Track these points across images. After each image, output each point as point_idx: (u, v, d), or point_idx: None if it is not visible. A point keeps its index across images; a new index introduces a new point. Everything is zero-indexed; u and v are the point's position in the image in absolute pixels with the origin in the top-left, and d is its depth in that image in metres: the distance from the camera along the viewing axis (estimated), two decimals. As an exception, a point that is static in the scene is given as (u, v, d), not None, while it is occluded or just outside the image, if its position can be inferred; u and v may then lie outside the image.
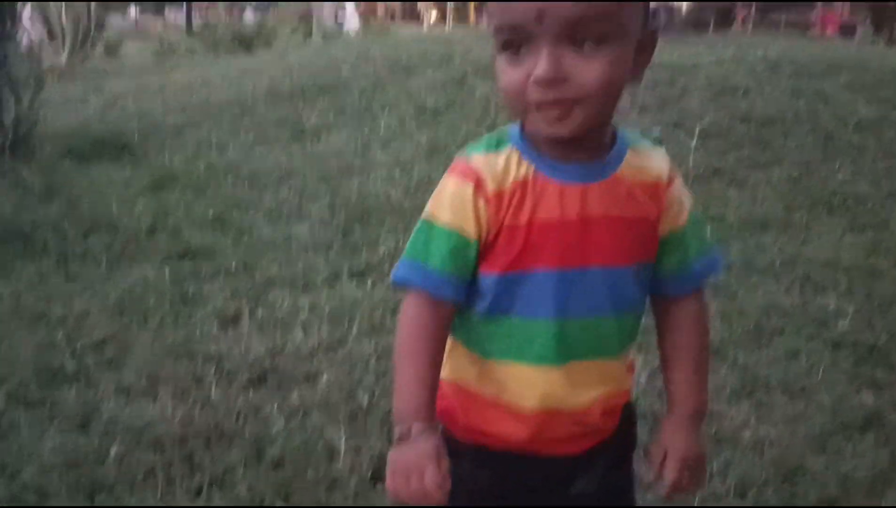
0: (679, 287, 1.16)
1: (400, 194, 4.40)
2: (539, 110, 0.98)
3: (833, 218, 3.93)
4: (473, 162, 1.06)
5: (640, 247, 1.10)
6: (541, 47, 0.96)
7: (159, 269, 3.43)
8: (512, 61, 0.99)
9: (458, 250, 1.05)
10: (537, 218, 1.04)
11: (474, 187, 1.04)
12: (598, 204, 1.05)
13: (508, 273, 1.06)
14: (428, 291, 1.07)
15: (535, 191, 1.04)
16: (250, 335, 2.87)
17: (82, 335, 2.83)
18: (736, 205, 4.03)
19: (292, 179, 4.80)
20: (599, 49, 0.96)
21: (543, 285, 1.06)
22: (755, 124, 5.01)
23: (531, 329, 1.07)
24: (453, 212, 1.05)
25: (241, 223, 4.04)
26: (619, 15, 0.96)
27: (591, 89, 0.96)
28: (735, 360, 2.69)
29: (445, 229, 1.05)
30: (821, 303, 3.11)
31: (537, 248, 1.04)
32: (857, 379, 2.59)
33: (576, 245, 1.05)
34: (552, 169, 1.04)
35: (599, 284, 1.07)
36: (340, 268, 3.49)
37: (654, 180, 1.10)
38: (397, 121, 5.82)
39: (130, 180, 4.74)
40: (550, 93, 0.96)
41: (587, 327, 1.08)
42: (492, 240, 1.05)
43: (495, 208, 1.04)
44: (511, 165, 1.05)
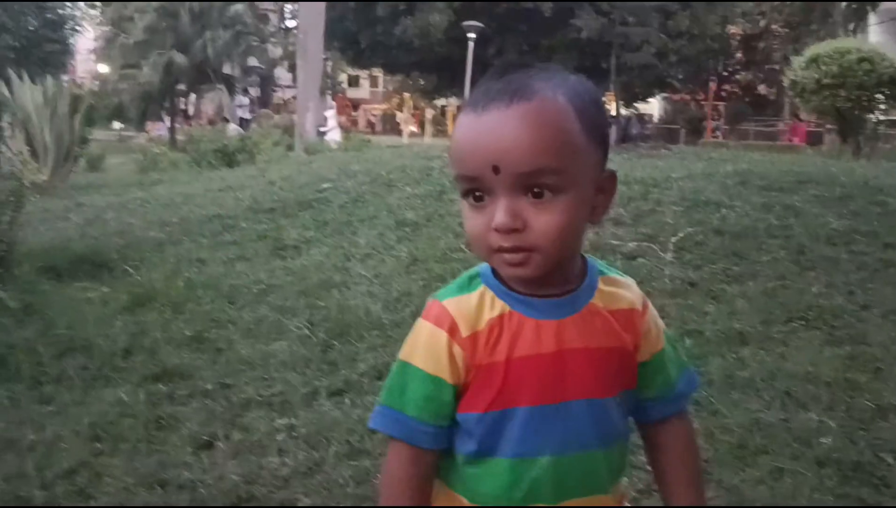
0: (665, 409, 1.18)
1: (379, 308, 4.40)
2: (500, 255, 1.02)
3: (810, 331, 3.96)
4: (446, 306, 1.08)
5: (621, 376, 1.11)
6: (499, 197, 1.01)
7: (134, 391, 3.37)
8: (474, 208, 1.04)
9: (434, 396, 1.06)
10: (515, 355, 1.05)
11: (448, 333, 1.06)
12: (575, 337, 1.07)
13: (490, 412, 1.06)
14: (406, 441, 1.07)
15: (510, 328, 1.06)
16: (225, 460, 2.81)
17: (53, 464, 2.76)
18: (713, 319, 4.06)
19: (272, 294, 4.80)
20: (556, 198, 1.00)
21: (527, 422, 1.06)
22: (728, 237, 5.10)
23: (519, 470, 1.07)
24: (428, 358, 1.07)
25: (219, 342, 4.01)
26: (573, 166, 1.01)
27: (549, 238, 1.00)
28: (720, 481, 2.66)
29: (421, 374, 1.07)
30: (803, 419, 3.09)
31: (517, 385, 1.05)
32: (843, 499, 2.55)
33: (556, 379, 1.06)
34: (526, 306, 1.07)
35: (584, 417, 1.07)
36: (318, 387, 3.45)
37: (629, 308, 1.13)
38: (377, 234, 5.88)
39: (108, 299, 4.71)
40: (509, 240, 1.00)
41: (577, 463, 1.08)
42: (471, 381, 1.06)
43: (471, 351, 1.05)
44: (485, 304, 1.07)
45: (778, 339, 3.88)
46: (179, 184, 10.05)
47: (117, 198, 8.89)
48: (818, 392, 3.31)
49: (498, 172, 0.99)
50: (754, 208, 5.58)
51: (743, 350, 3.74)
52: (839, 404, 3.23)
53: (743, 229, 5.21)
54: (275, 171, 9.55)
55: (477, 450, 1.08)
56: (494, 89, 1.02)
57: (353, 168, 8.18)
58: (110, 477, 2.68)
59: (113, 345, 3.88)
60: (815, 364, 3.56)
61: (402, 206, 6.46)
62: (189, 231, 6.55)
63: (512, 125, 0.99)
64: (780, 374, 3.48)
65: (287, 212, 6.82)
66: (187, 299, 4.62)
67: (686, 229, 5.18)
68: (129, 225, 6.90)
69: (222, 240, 6.24)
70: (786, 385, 3.37)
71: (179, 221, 6.98)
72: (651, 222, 5.37)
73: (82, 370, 3.62)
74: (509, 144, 0.99)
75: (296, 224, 6.44)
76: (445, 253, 5.25)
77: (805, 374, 3.46)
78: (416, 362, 1.07)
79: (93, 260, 5.58)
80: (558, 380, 1.06)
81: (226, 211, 7.09)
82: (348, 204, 6.79)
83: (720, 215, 5.47)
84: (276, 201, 7.18)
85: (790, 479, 2.66)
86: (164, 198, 8.44)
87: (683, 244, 4.99)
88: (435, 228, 5.82)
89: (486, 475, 1.08)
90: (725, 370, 3.51)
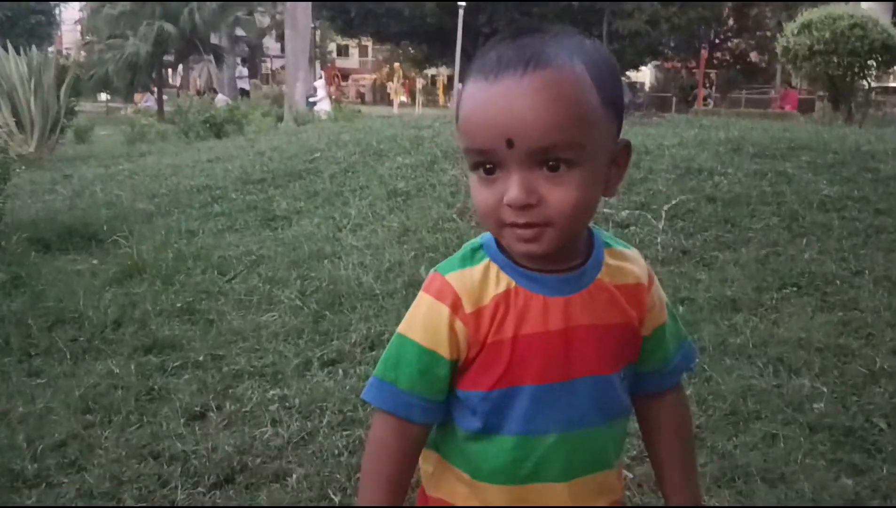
0: (660, 383, 1.17)
1: (371, 278, 4.38)
2: (512, 230, 0.98)
3: (802, 298, 3.96)
4: (449, 280, 1.04)
5: (625, 352, 1.09)
6: (512, 171, 0.96)
7: (125, 363, 3.35)
8: (484, 182, 0.99)
9: (429, 370, 1.04)
10: (522, 333, 1.02)
11: (451, 308, 1.02)
12: (581, 314, 1.04)
13: (496, 390, 1.04)
14: (395, 413, 1.05)
15: (517, 305, 1.03)
16: (218, 431, 2.80)
17: (44, 435, 2.74)
18: (705, 286, 4.05)
19: (262, 265, 4.77)
20: (572, 171, 0.96)
21: (533, 400, 1.03)
22: (721, 205, 5.09)
23: (525, 447, 1.05)
24: (427, 332, 1.03)
25: (210, 313, 3.98)
26: (590, 139, 0.96)
27: (564, 213, 0.96)
28: (713, 447, 2.66)
29: (417, 348, 1.04)
30: (795, 385, 3.10)
31: (524, 363, 1.03)
32: (835, 464, 2.56)
33: (562, 358, 1.03)
34: (533, 282, 1.04)
35: (590, 394, 1.05)
36: (311, 357, 3.44)
37: (636, 283, 1.10)
38: (368, 205, 5.85)
39: (97, 271, 4.68)
40: (523, 216, 0.96)
41: (583, 440, 1.06)
42: (473, 357, 1.03)
43: (475, 327, 1.02)
44: (489, 279, 1.04)
45: (770, 306, 3.88)
46: (168, 155, 9.96)
47: (105, 170, 8.81)
48: (810, 358, 3.31)
49: (512, 145, 0.94)
50: (747, 176, 5.57)
51: (735, 317, 3.74)
52: (831, 369, 3.23)
53: (735, 196, 5.20)
54: (264, 141, 9.48)
55: (481, 427, 1.05)
56: (507, 56, 0.96)
57: (343, 138, 8.12)
58: (102, 449, 2.66)
59: (103, 317, 3.86)
60: (807, 331, 3.56)
61: (393, 176, 6.42)
62: (178, 203, 6.50)
63: (527, 96, 0.94)
64: (772, 340, 3.48)
65: (277, 183, 6.77)
66: (177, 270, 4.59)
67: (678, 196, 5.16)
68: (118, 197, 6.85)
69: (212, 211, 6.19)
70: (778, 352, 3.37)
71: (168, 192, 6.93)
72: (643, 191, 5.36)
73: (72, 343, 3.60)
74: (525, 116, 0.93)
75: (286, 195, 6.40)
76: (437, 223, 5.22)
77: (797, 340, 3.47)
78: (414, 335, 1.04)
79: (81, 232, 5.54)
80: (565, 358, 1.03)
81: (215, 182, 7.03)
82: (339, 174, 6.75)
83: (712, 182, 5.46)
84: (265, 172, 7.13)
85: (783, 445, 2.67)
86: (153, 169, 8.37)
87: (676, 212, 4.98)
88: (426, 198, 5.79)
89: (491, 451, 1.06)
90: (718, 337, 3.51)
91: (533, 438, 1.04)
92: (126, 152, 11.49)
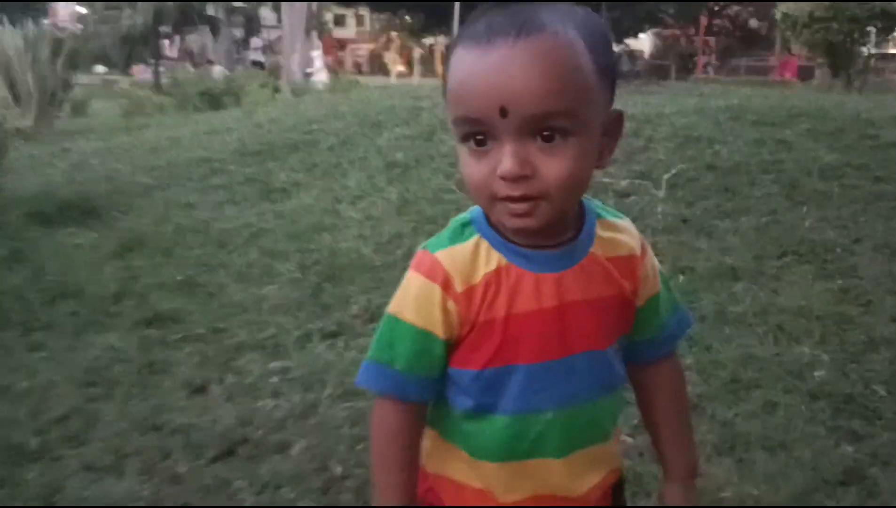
0: (655, 351, 1.16)
1: (371, 250, 4.38)
2: (505, 205, 0.95)
3: (802, 266, 3.95)
4: (439, 258, 1.02)
5: (619, 325, 1.08)
6: (504, 142, 0.93)
7: (126, 337, 3.36)
8: (475, 154, 0.96)
9: (425, 350, 1.02)
10: (514, 311, 1.00)
11: (442, 288, 1.00)
12: (575, 290, 1.02)
13: (488, 369, 1.02)
14: (395, 395, 1.04)
15: (508, 282, 1.01)
16: (219, 404, 2.81)
17: (46, 409, 2.76)
18: (706, 255, 4.05)
19: (262, 238, 4.77)
20: (566, 141, 0.93)
21: (528, 379, 1.02)
22: (721, 173, 5.07)
23: (521, 426, 1.04)
24: (419, 312, 1.01)
25: (210, 286, 3.98)
26: (585, 107, 0.94)
27: (559, 185, 0.94)
28: (713, 415, 2.67)
29: (411, 329, 1.02)
30: (795, 353, 3.10)
31: (517, 342, 1.01)
32: (835, 432, 2.57)
33: (557, 335, 1.02)
34: (524, 259, 1.01)
35: (587, 369, 1.04)
36: (311, 329, 3.44)
37: (629, 254, 1.08)
38: (367, 176, 5.82)
39: (97, 245, 4.68)
40: (517, 188, 0.93)
41: (581, 414, 1.05)
42: (465, 335, 1.02)
43: (466, 306, 1.00)
44: (480, 257, 1.01)
45: (770, 274, 3.88)
46: (165, 128, 9.91)
47: (103, 143, 8.77)
48: (810, 326, 3.32)
49: (505, 114, 0.91)
50: (746, 144, 5.54)
51: (735, 286, 3.74)
52: (831, 337, 3.24)
53: (735, 164, 5.18)
54: (262, 113, 9.43)
55: (474, 406, 1.05)
56: (498, 21, 0.93)
57: (341, 109, 8.07)
58: (104, 422, 2.68)
59: (103, 291, 3.86)
60: (807, 298, 3.56)
61: (391, 147, 6.39)
62: (176, 175, 6.48)
63: (521, 62, 0.90)
64: (772, 309, 3.49)
65: (275, 155, 6.74)
66: (177, 243, 4.59)
67: (678, 165, 5.14)
68: (116, 170, 6.82)
69: (210, 184, 6.17)
70: (778, 320, 3.37)
71: (166, 165, 6.90)
72: (643, 159, 5.33)
73: (73, 316, 3.60)
74: (519, 83, 0.90)
75: (284, 167, 6.37)
76: (436, 194, 5.20)
77: (797, 308, 3.47)
78: (407, 316, 1.02)
79: (80, 206, 5.52)
80: (560, 335, 1.02)
81: (213, 154, 7.00)
82: (337, 146, 6.71)
83: (712, 150, 5.43)
84: (263, 144, 7.09)
85: (783, 412, 2.68)
86: (151, 142, 8.33)
87: (676, 181, 4.96)
88: (425, 169, 5.76)
89: (486, 430, 1.05)
90: (718, 305, 3.52)
91: (529, 416, 1.03)
92: (124, 125, 11.43)
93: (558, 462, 1.05)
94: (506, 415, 1.04)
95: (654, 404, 1.18)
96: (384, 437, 1.07)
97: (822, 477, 2.31)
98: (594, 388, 1.06)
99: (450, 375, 1.05)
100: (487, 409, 1.04)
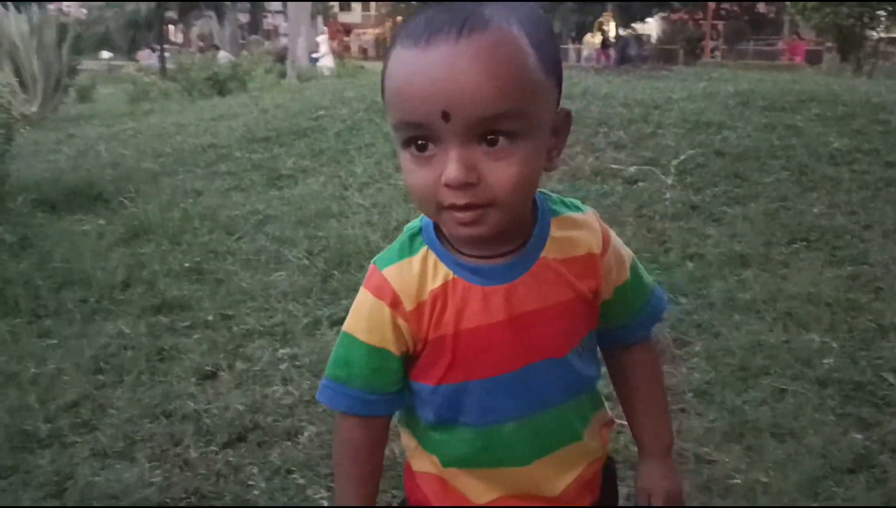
0: (630, 336, 1.14)
1: (379, 237, 4.37)
2: (451, 214, 0.91)
3: (812, 252, 3.94)
4: (387, 276, 0.99)
5: (579, 327, 1.05)
6: (449, 147, 0.88)
7: (135, 324, 3.36)
8: (418, 160, 0.91)
9: (381, 367, 1.01)
10: (463, 328, 0.97)
11: (390, 307, 0.98)
12: (527, 299, 0.99)
13: (443, 385, 1.00)
14: (355, 412, 1.03)
15: (455, 298, 0.97)
16: (229, 390, 2.81)
17: (56, 396, 2.76)
18: (715, 241, 4.04)
19: (269, 224, 4.76)
20: (513, 144, 0.89)
21: (485, 394, 1.00)
22: (730, 159, 5.05)
23: (485, 437, 1.02)
24: (372, 331, 1.00)
25: (218, 273, 3.98)
26: (533, 108, 0.89)
27: (507, 190, 0.89)
28: (722, 402, 2.66)
29: (365, 346, 1.00)
30: (805, 340, 3.09)
31: (468, 358, 0.98)
32: (844, 419, 2.56)
33: (511, 347, 0.99)
34: (471, 272, 0.98)
35: (546, 377, 1.01)
36: (320, 316, 3.44)
37: (587, 253, 1.04)
38: (374, 163, 5.81)
39: (104, 231, 4.68)
40: (463, 196, 0.89)
41: (544, 421, 1.03)
42: (420, 351, 1.00)
43: (416, 323, 0.98)
44: (427, 272, 0.98)
45: (779, 260, 3.87)
46: (171, 114, 9.91)
47: (109, 129, 8.77)
48: (820, 313, 3.30)
49: (448, 118, 0.85)
50: (756, 129, 5.52)
51: (744, 272, 3.73)
52: (841, 324, 3.23)
53: (744, 150, 5.16)
54: (268, 99, 9.42)
55: (435, 419, 1.03)
56: (438, 19, 0.87)
57: (347, 95, 8.06)
58: (114, 409, 2.68)
59: (111, 277, 3.86)
60: (816, 285, 3.55)
61: (398, 133, 6.36)
62: (183, 162, 6.48)
63: (464, 62, 0.85)
64: (781, 295, 3.47)
65: (282, 141, 6.74)
66: (184, 230, 4.59)
67: (687, 151, 5.12)
68: (122, 156, 6.82)
69: (217, 170, 6.17)
70: (787, 307, 3.36)
71: (173, 151, 6.90)
72: (652, 145, 5.31)
73: (81, 303, 3.61)
74: (462, 85, 0.84)
75: (291, 153, 6.37)
76: (443, 180, 5.18)
77: (807, 295, 3.46)
78: (360, 335, 1.00)
79: (87, 192, 5.52)
80: (514, 347, 0.98)
81: (219, 141, 7.00)
82: (344, 132, 6.70)
83: (721, 136, 5.41)
84: (270, 130, 7.08)
85: (792, 399, 2.67)
86: (157, 128, 8.33)
87: (685, 167, 4.94)
88: (432, 154, 5.74)
89: (452, 441, 1.03)
90: (727, 292, 3.51)
91: (490, 428, 1.01)
92: (129, 111, 11.43)
93: (527, 468, 1.03)
94: (468, 427, 1.02)
95: (630, 386, 1.16)
96: (345, 452, 1.07)
97: (831, 465, 2.30)
98: (557, 393, 1.03)
99: (410, 386, 1.04)
100: (449, 421, 1.02)
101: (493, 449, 1.03)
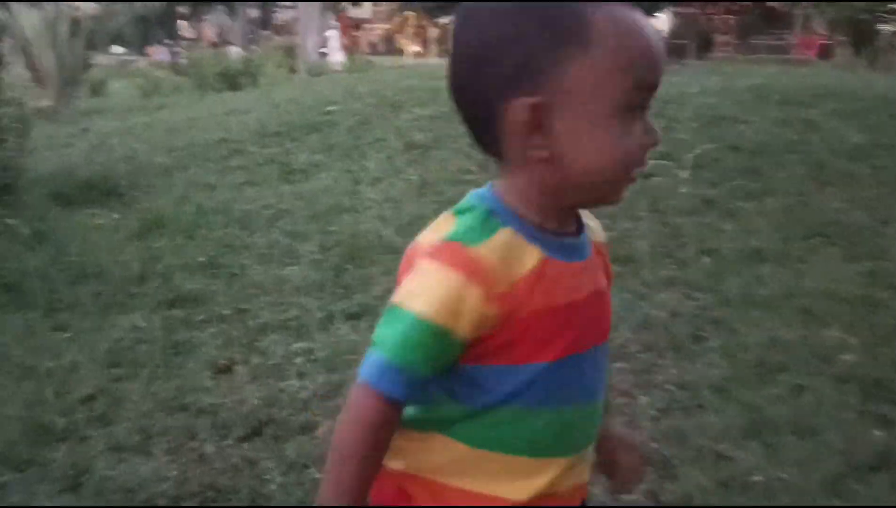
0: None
1: (391, 232, 4.36)
2: (629, 181, 0.93)
3: (829, 248, 3.91)
4: (478, 257, 0.90)
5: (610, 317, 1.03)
6: (643, 113, 0.91)
7: (150, 317, 3.36)
8: (633, 124, 0.90)
9: (448, 352, 0.91)
10: (549, 305, 0.92)
11: (483, 288, 0.89)
12: (589, 281, 0.97)
13: (516, 366, 0.93)
14: (397, 397, 0.92)
15: (547, 276, 0.92)
16: (244, 384, 2.81)
17: (72, 390, 2.76)
18: (731, 237, 4.01)
19: (282, 219, 4.76)
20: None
21: (555, 374, 0.94)
22: (746, 154, 5.01)
23: (542, 421, 0.96)
24: (447, 311, 0.88)
25: (233, 267, 3.98)
26: None
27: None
28: (740, 399, 2.64)
29: (431, 328, 0.89)
30: (823, 336, 3.07)
31: (548, 336, 0.93)
32: (865, 416, 2.54)
33: (580, 328, 0.96)
34: (559, 250, 0.94)
35: (593, 366, 0.99)
36: (334, 311, 3.44)
37: (605, 241, 1.05)
38: (386, 158, 5.80)
39: (119, 225, 4.69)
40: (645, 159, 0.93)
41: (588, 415, 1.00)
42: (497, 332, 0.92)
43: (506, 305, 0.90)
44: (516, 251, 0.92)
45: (796, 256, 3.84)
46: (183, 108, 9.91)
47: (122, 123, 8.78)
48: (838, 309, 3.27)
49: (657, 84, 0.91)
50: (772, 124, 5.48)
51: (761, 268, 3.70)
52: (859, 320, 3.19)
53: (760, 144, 5.12)
54: (279, 93, 9.41)
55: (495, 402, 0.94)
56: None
57: (358, 90, 8.04)
58: (130, 402, 2.68)
59: (126, 271, 3.86)
60: (834, 281, 3.52)
61: (410, 128, 6.35)
62: (196, 156, 6.47)
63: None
64: (799, 291, 3.45)
65: (293, 135, 6.73)
66: (198, 224, 4.59)
67: (702, 145, 5.09)
68: (135, 150, 6.82)
69: (230, 165, 6.17)
70: (805, 303, 3.34)
71: (185, 145, 6.89)
72: (666, 140, 5.24)
73: (96, 297, 3.61)
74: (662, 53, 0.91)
75: (303, 148, 6.36)
76: (456, 175, 5.17)
77: (824, 291, 3.43)
78: (426, 310, 0.88)
79: (101, 186, 5.53)
80: (581, 328, 0.95)
81: (232, 135, 6.99)
82: (355, 127, 6.69)
83: (737, 131, 5.38)
84: (282, 125, 7.08)
85: (811, 396, 2.65)
86: (169, 122, 8.34)
87: (700, 162, 4.91)
88: (445, 150, 5.73)
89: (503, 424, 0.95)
90: (743, 288, 3.48)
91: (549, 411, 0.96)
92: (141, 105, 11.44)
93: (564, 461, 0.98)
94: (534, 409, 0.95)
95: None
96: (364, 429, 0.92)
97: (852, 462, 2.28)
98: (598, 386, 1.00)
99: (468, 372, 0.95)
100: (506, 403, 0.95)
101: (564, 434, 0.97)
